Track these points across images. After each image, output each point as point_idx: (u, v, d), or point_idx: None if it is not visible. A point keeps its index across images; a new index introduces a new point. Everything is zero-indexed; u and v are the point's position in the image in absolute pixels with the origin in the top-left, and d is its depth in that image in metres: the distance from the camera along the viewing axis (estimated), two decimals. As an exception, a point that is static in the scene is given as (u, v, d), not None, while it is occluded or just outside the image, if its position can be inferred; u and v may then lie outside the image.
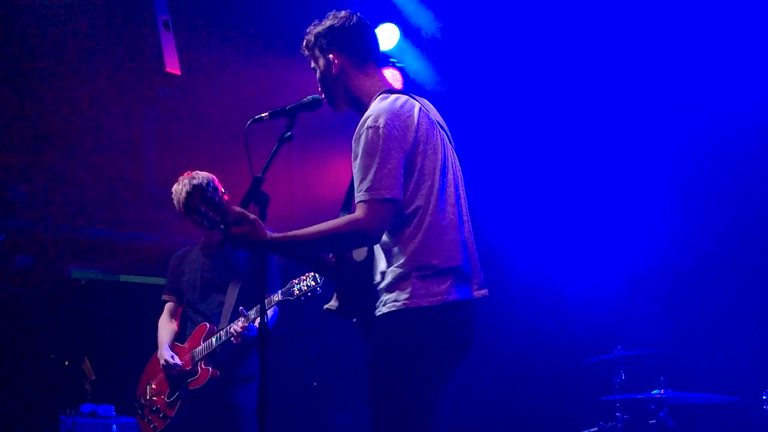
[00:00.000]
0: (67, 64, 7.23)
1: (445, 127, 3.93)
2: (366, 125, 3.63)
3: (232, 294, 5.55)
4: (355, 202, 3.61)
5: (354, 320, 3.84)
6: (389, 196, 3.57)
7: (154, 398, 5.66)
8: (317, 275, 4.95)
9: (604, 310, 7.64)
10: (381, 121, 3.63)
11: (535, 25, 7.62)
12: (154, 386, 5.69)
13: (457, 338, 3.69)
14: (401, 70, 7.84)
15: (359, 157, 3.62)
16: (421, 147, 3.68)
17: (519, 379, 8.03)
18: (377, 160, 3.59)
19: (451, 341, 3.67)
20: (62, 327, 7.75)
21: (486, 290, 3.80)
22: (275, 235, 3.52)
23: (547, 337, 7.88)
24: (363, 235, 3.57)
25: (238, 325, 5.28)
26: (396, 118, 3.65)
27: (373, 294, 3.72)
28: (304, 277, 5.01)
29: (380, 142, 3.60)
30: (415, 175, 3.67)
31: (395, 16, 7.77)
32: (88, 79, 7.36)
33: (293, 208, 8.00)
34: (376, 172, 3.58)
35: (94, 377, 7.09)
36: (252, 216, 3.47)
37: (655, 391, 6.21)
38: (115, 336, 7.74)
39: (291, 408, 7.94)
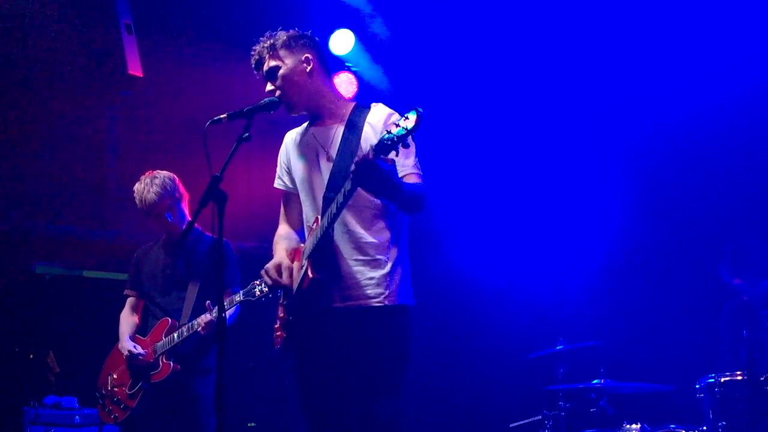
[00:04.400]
0: (31, 64, 7.17)
1: None
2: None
3: (192, 290, 5.51)
4: (407, 172, 3.85)
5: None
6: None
7: (115, 389, 5.58)
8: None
9: (547, 305, 7.68)
10: None
11: (479, 27, 7.65)
12: (115, 377, 5.62)
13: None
14: (356, 74, 7.81)
15: None
16: None
17: (468, 372, 8.05)
18: (414, 147, 3.84)
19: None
20: (27, 321, 7.70)
21: None
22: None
23: (493, 332, 7.88)
24: (426, 200, 3.83)
25: (205, 318, 5.22)
26: None
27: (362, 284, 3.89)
28: None
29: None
30: None
31: (350, 22, 7.77)
32: (52, 79, 7.28)
33: (252, 206, 7.92)
34: (415, 155, 3.91)
35: (58, 370, 7.06)
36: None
37: (595, 381, 6.26)
38: (78, 330, 7.67)
39: (250, 399, 7.89)
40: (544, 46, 7.56)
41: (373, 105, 4.05)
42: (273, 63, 4.01)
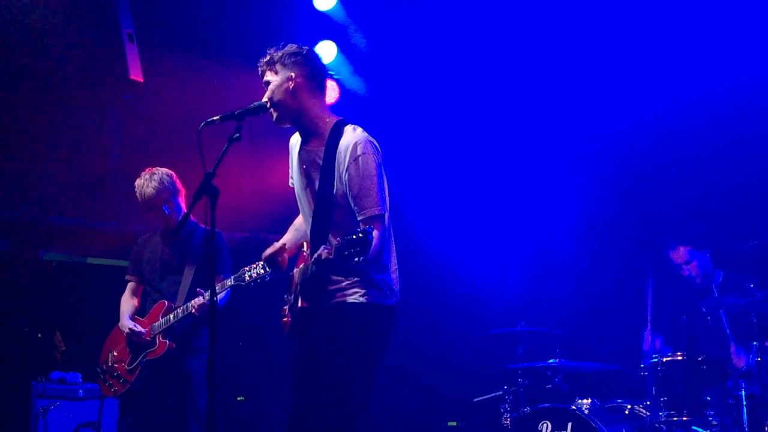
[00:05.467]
0: (41, 70, 7.28)
1: None
2: (360, 152, 3.91)
3: (187, 275, 5.66)
4: (364, 216, 3.88)
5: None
6: (384, 211, 3.92)
7: (115, 365, 5.73)
8: (267, 265, 4.72)
9: (508, 290, 7.78)
10: (370, 149, 3.94)
11: (448, 35, 7.78)
12: (115, 354, 5.76)
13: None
14: (338, 81, 7.94)
15: (359, 179, 3.89)
16: (383, 170, 4.01)
17: (434, 351, 8.17)
18: (376, 182, 3.88)
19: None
20: (35, 303, 7.78)
21: None
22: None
23: (458, 314, 8.00)
24: (372, 248, 3.75)
25: (198, 300, 5.39)
26: (375, 148, 3.98)
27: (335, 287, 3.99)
28: (255, 266, 4.93)
29: (376, 168, 3.91)
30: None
31: (333, 34, 7.90)
32: (60, 81, 7.38)
33: (242, 201, 8.10)
34: (377, 192, 3.89)
35: (64, 348, 7.16)
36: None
37: (551, 360, 6.46)
38: (82, 311, 7.73)
39: (239, 376, 8.01)
40: (509, 44, 7.62)
41: (346, 128, 4.05)
42: (268, 76, 4.08)
